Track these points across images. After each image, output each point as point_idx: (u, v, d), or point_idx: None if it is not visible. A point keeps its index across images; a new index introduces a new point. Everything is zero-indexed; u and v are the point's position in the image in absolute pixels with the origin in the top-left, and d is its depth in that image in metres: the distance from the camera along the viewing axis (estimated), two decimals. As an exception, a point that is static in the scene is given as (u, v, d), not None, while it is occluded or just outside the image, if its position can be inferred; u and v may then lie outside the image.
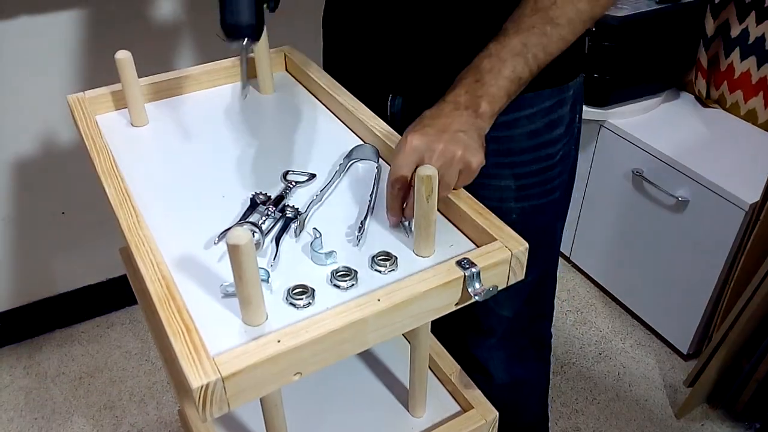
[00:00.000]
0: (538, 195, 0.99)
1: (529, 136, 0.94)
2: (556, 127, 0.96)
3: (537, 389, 1.26)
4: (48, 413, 1.68)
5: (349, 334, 0.58)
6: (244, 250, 0.54)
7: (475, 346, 1.14)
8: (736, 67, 1.72)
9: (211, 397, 0.53)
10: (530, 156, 0.95)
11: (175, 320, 0.57)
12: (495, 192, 0.96)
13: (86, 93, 0.94)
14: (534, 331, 1.17)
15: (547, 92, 0.93)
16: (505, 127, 0.91)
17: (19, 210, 1.69)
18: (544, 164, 0.97)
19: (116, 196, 0.73)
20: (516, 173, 0.96)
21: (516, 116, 0.92)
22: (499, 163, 0.94)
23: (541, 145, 0.95)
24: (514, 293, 1.05)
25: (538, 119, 0.93)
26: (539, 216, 1.01)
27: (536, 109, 0.93)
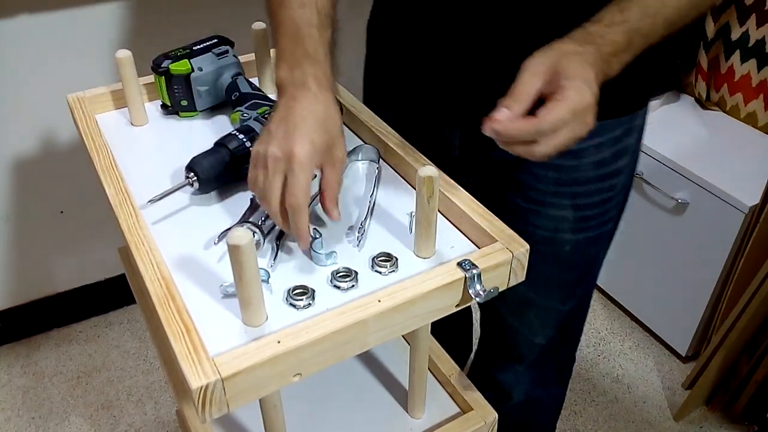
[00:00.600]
0: (594, 227, 0.94)
1: (595, 165, 0.87)
2: (621, 157, 0.89)
3: (550, 409, 1.24)
4: (45, 413, 1.67)
5: (350, 335, 0.58)
6: (245, 250, 0.54)
7: (501, 370, 1.12)
8: (736, 70, 1.72)
9: (211, 398, 0.52)
10: (594, 186, 0.89)
11: (174, 321, 0.57)
12: (550, 221, 0.90)
13: (86, 92, 0.93)
14: (560, 356, 1.14)
15: (618, 120, 0.86)
16: (572, 156, 0.85)
17: (17, 209, 1.68)
18: (605, 195, 0.91)
19: (116, 195, 0.73)
20: (576, 204, 0.90)
21: (584, 145, 0.85)
22: (559, 192, 0.88)
23: (606, 176, 0.89)
24: (551, 321, 1.04)
25: (605, 148, 0.87)
26: (591, 248, 0.97)
27: (605, 138, 0.86)
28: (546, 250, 0.92)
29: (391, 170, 0.83)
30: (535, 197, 0.89)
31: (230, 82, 0.91)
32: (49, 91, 1.55)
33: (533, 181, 0.88)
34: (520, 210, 0.90)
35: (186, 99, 0.90)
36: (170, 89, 0.89)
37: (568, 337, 1.12)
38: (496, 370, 1.12)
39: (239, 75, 0.92)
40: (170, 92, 0.90)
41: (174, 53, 0.89)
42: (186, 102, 0.90)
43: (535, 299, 0.99)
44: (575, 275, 0.99)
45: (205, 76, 0.90)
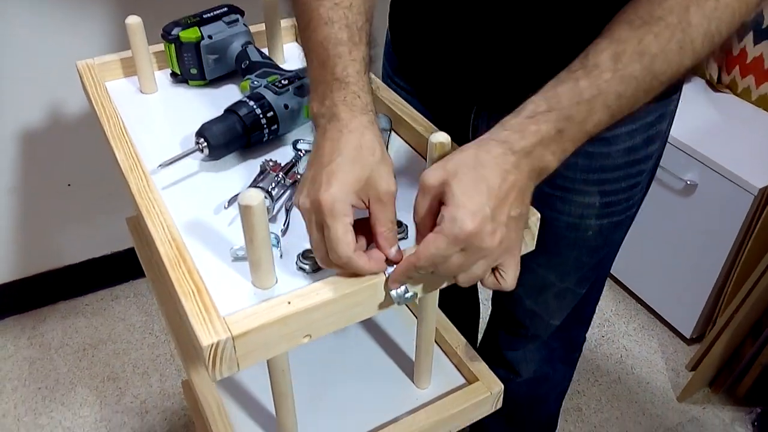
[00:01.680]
0: (619, 212, 0.92)
1: (625, 153, 0.84)
2: (652, 143, 0.86)
3: (557, 388, 1.25)
4: (51, 383, 1.69)
5: (361, 298, 0.58)
6: (256, 211, 0.54)
7: (511, 348, 1.12)
8: (748, 52, 1.71)
9: (221, 356, 0.53)
10: (622, 173, 0.86)
11: (185, 281, 0.57)
12: (576, 208, 0.88)
13: (95, 59, 0.93)
14: (571, 335, 1.14)
15: (653, 105, 0.82)
16: (604, 143, 0.82)
17: (25, 181, 1.69)
18: (632, 181, 0.88)
19: (126, 160, 0.73)
20: (603, 190, 0.87)
21: (617, 132, 0.82)
22: (588, 179, 0.86)
23: (635, 162, 0.86)
24: (568, 302, 1.03)
25: (638, 135, 0.83)
26: (614, 233, 0.95)
27: (639, 124, 0.82)
28: (569, 235, 0.91)
29: (400, 140, 0.82)
30: (562, 184, 0.87)
31: (240, 51, 0.90)
32: (57, 62, 1.55)
33: (561, 168, 0.84)
34: (545, 197, 0.87)
35: (195, 67, 0.90)
36: (180, 57, 0.89)
37: (580, 317, 1.11)
38: (507, 348, 1.12)
39: (249, 44, 0.91)
40: (180, 60, 0.89)
41: (184, 21, 0.89)
42: (195, 70, 0.90)
43: (555, 282, 0.98)
44: (596, 259, 0.98)
45: (215, 44, 0.89)
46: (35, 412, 1.62)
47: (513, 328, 1.10)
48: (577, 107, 0.58)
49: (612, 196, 0.89)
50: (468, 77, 0.86)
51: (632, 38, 0.58)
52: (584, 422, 1.63)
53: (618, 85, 0.58)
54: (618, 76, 0.58)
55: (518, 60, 0.80)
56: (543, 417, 1.30)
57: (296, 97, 0.80)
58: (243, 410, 0.82)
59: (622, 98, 0.59)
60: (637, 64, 0.58)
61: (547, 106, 0.58)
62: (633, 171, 0.87)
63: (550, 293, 1.01)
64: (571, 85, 0.58)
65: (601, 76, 0.58)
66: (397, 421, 0.79)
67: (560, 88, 0.58)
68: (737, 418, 1.64)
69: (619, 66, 0.58)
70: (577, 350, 1.20)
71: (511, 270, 0.60)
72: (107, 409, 1.63)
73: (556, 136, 0.58)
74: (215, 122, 0.76)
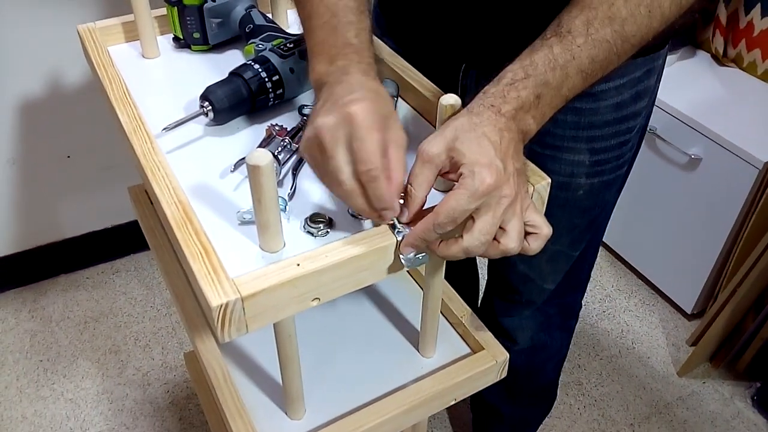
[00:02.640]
0: (609, 170, 0.92)
1: (614, 108, 0.85)
2: (641, 99, 0.87)
3: (555, 356, 1.25)
4: (53, 356, 1.69)
5: (369, 262, 0.58)
6: (264, 170, 0.53)
7: (507, 315, 1.12)
8: (755, 25, 1.69)
9: (230, 317, 0.52)
10: (611, 129, 0.87)
11: (193, 242, 0.56)
12: (566, 166, 0.89)
13: (96, 23, 0.91)
14: (567, 301, 1.14)
15: (640, 61, 0.83)
16: (592, 99, 0.83)
17: (24, 153, 1.67)
18: (622, 138, 0.89)
19: (130, 122, 0.72)
20: (593, 148, 0.88)
21: (604, 87, 0.82)
22: (577, 136, 0.86)
23: (623, 119, 0.87)
24: (561, 267, 1.03)
25: (625, 90, 0.84)
26: (605, 192, 0.95)
27: (626, 79, 0.83)
28: (560, 195, 0.91)
29: (406, 105, 0.81)
30: (552, 142, 0.88)
31: (244, 15, 0.88)
32: (56, 31, 1.53)
33: (551, 126, 0.84)
34: (535, 156, 0.86)
35: (198, 31, 0.88)
36: (183, 21, 0.87)
37: (575, 282, 1.12)
38: (503, 315, 1.12)
39: (252, 7, 0.90)
40: (183, 24, 0.88)
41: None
42: (198, 35, 0.88)
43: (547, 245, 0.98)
44: (587, 220, 0.98)
45: (219, 8, 0.87)
46: (37, 384, 1.62)
47: (507, 294, 1.10)
48: (552, 73, 0.60)
49: (602, 154, 0.89)
50: (456, 35, 0.86)
51: (603, 3, 0.61)
52: (585, 396, 1.64)
53: (591, 49, 0.61)
54: (590, 41, 0.61)
55: (506, 17, 0.80)
56: (542, 385, 1.31)
57: (302, 61, 0.79)
58: (248, 378, 0.82)
59: (595, 62, 0.62)
60: (608, 28, 0.61)
61: (524, 73, 0.60)
62: (622, 128, 0.88)
63: (543, 256, 1.00)
64: (546, 51, 0.61)
65: (574, 41, 0.61)
66: (402, 389, 0.79)
67: (536, 56, 0.61)
68: (737, 392, 1.64)
69: (591, 31, 0.61)
70: (574, 317, 1.21)
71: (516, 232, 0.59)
72: (109, 381, 1.63)
73: (535, 101, 0.60)
74: (220, 85, 0.75)
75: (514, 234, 0.58)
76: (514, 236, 0.58)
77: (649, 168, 1.73)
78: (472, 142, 0.56)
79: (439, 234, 0.57)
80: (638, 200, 1.81)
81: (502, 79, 0.61)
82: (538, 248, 0.63)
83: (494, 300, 1.13)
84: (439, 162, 0.57)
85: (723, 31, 1.74)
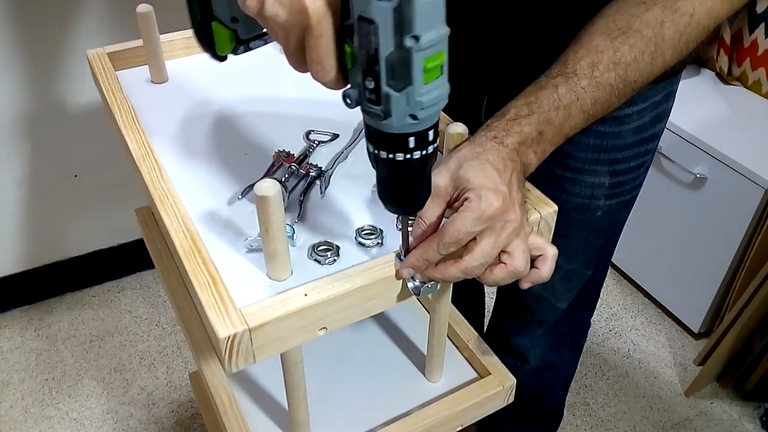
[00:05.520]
0: (626, 192, 0.93)
1: (635, 131, 0.86)
2: (660, 122, 0.88)
3: (564, 375, 1.25)
4: (58, 375, 1.69)
5: (377, 291, 0.58)
6: (272, 201, 0.53)
7: (518, 334, 1.12)
8: (760, 44, 1.69)
9: (238, 348, 0.52)
10: (632, 152, 0.88)
11: (201, 272, 0.57)
12: (587, 189, 0.89)
13: (105, 48, 0.92)
14: (577, 319, 1.14)
15: (661, 84, 0.84)
16: (616, 123, 0.83)
17: (32, 171, 1.68)
18: (641, 160, 0.90)
19: (138, 149, 0.72)
20: (613, 170, 0.89)
21: (628, 111, 0.83)
22: (599, 159, 0.87)
23: (643, 141, 0.88)
24: (574, 286, 1.03)
25: (646, 114, 0.85)
26: (622, 212, 0.97)
27: (648, 103, 0.84)
28: (579, 216, 0.92)
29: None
30: (573, 165, 0.88)
31: None
32: (65, 50, 1.54)
33: (573, 149, 0.86)
34: (556, 178, 0.89)
35: None
36: None
37: (585, 301, 1.12)
38: (514, 335, 1.12)
39: None
40: None
41: None
42: None
43: (563, 264, 0.99)
44: (603, 239, 0.99)
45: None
46: (42, 403, 1.62)
47: (519, 313, 1.10)
48: (556, 112, 0.62)
49: (621, 176, 0.90)
50: (481, 64, 0.86)
51: (609, 48, 0.63)
52: (591, 416, 1.63)
53: (594, 91, 0.62)
54: (594, 83, 0.62)
55: (529, 47, 0.80)
56: (549, 404, 1.30)
57: None
58: (254, 402, 0.82)
59: (597, 104, 0.63)
60: (612, 72, 0.63)
61: (528, 110, 0.62)
62: (641, 150, 0.89)
63: (558, 276, 1.00)
64: (551, 90, 0.62)
65: (578, 83, 0.62)
66: (408, 415, 0.78)
67: (541, 93, 0.62)
68: (745, 413, 1.63)
69: (595, 74, 0.62)
70: (583, 336, 1.21)
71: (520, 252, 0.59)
72: (114, 401, 1.63)
73: (537, 137, 0.61)
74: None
75: (519, 254, 0.58)
76: (520, 256, 0.58)
77: (654, 187, 1.73)
78: (476, 169, 0.57)
79: (440, 255, 0.57)
80: (644, 219, 1.80)
81: (505, 114, 0.62)
82: (550, 271, 0.63)
83: (505, 319, 1.13)
84: (446, 193, 0.57)
85: (727, 50, 1.75)
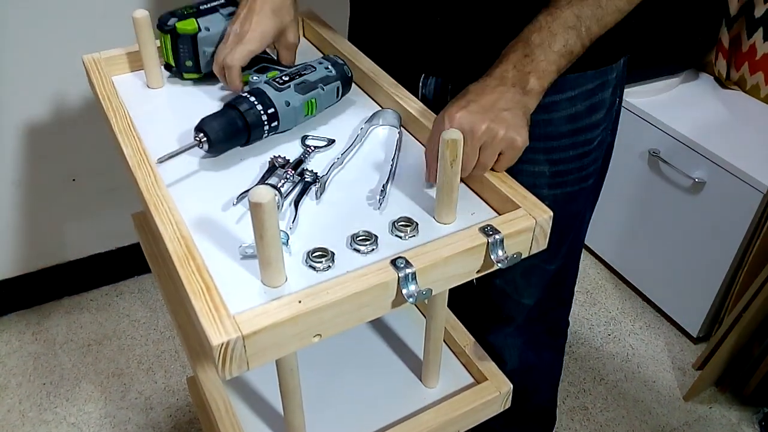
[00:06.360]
0: (572, 182, 0.95)
1: (568, 120, 0.89)
2: (596, 111, 0.91)
3: (548, 376, 1.25)
4: (56, 379, 1.68)
5: (371, 297, 0.58)
6: (267, 208, 0.53)
7: (492, 332, 1.12)
8: (758, 48, 1.69)
9: (231, 355, 0.52)
10: (568, 141, 0.91)
11: (195, 279, 0.56)
12: (528, 178, 0.90)
13: (101, 53, 0.92)
14: (551, 318, 1.15)
15: (591, 74, 0.88)
16: (544, 111, 0.86)
17: (29, 175, 1.68)
18: (581, 150, 0.92)
19: (134, 155, 0.72)
20: (552, 159, 0.92)
21: (556, 99, 0.87)
22: (535, 147, 0.87)
23: (579, 130, 0.91)
24: (536, 281, 1.04)
25: (579, 102, 0.89)
26: (571, 204, 0.98)
27: (578, 91, 0.88)
28: None
29: (410, 137, 0.82)
30: None
31: None
32: (61, 55, 1.54)
33: None
34: None
35: (191, 60, 0.88)
36: (176, 49, 0.87)
37: (557, 299, 1.12)
38: (489, 333, 1.12)
39: None
40: (175, 52, 0.87)
41: (180, 11, 0.87)
42: (191, 63, 0.88)
43: None
44: (556, 233, 0.98)
45: (213, 37, 0.87)
46: (40, 408, 1.61)
47: (489, 310, 1.11)
48: (537, 33, 0.71)
49: (561, 165, 0.93)
50: (417, 44, 0.91)
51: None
52: (590, 421, 1.62)
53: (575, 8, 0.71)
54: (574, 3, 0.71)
55: (466, 25, 0.85)
56: (538, 407, 1.30)
57: (297, 94, 0.79)
58: (250, 408, 0.81)
59: (581, 18, 0.71)
60: None
61: (514, 41, 0.72)
62: (580, 139, 0.91)
63: (517, 270, 1.02)
64: (532, 22, 0.72)
65: (558, 7, 0.71)
66: (405, 421, 0.78)
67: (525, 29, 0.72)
68: (744, 418, 1.63)
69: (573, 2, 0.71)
70: (562, 336, 1.21)
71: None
72: (112, 405, 1.62)
73: (525, 60, 0.70)
74: (215, 117, 0.75)
75: None
76: None
77: (652, 191, 1.73)
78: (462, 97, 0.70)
79: None
80: (643, 223, 1.80)
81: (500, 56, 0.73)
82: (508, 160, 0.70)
83: (479, 318, 1.13)
84: None
85: (725, 54, 1.75)
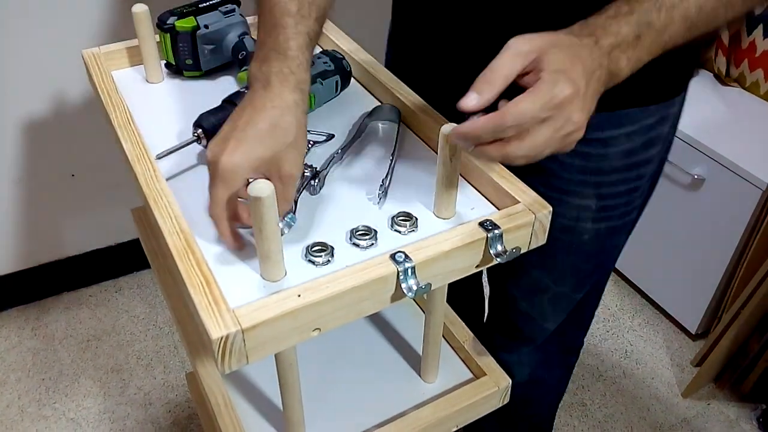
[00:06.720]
0: (616, 217, 0.90)
1: (623, 155, 0.83)
2: (652, 147, 0.85)
3: (553, 392, 1.24)
4: (55, 374, 1.68)
5: (370, 291, 0.58)
6: (266, 202, 0.53)
7: (507, 350, 1.10)
8: (758, 45, 1.69)
9: (231, 349, 0.52)
10: (620, 176, 0.85)
11: (194, 273, 0.56)
12: (572, 211, 0.87)
13: (101, 48, 0.92)
14: (568, 339, 1.12)
15: (653, 108, 0.81)
16: (601, 145, 0.81)
17: (29, 171, 1.68)
18: (632, 185, 0.87)
19: (133, 150, 0.72)
20: (600, 193, 0.86)
21: (614, 134, 0.81)
22: (585, 181, 0.84)
23: (633, 165, 0.85)
24: (562, 307, 1.02)
25: (637, 137, 0.82)
26: (612, 238, 0.94)
27: (637, 126, 0.81)
28: (564, 238, 0.90)
29: (410, 132, 0.82)
30: (558, 185, 0.86)
31: (237, 41, 0.89)
32: (60, 50, 1.54)
33: (558, 169, 0.84)
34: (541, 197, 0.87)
35: (191, 57, 0.88)
36: (175, 47, 0.87)
37: (577, 323, 1.10)
38: (502, 350, 1.11)
39: (246, 34, 0.90)
40: (175, 50, 0.88)
41: (180, 10, 0.87)
42: (191, 61, 0.88)
43: (550, 286, 0.97)
44: (592, 264, 0.96)
45: (212, 34, 0.88)
46: (39, 403, 1.62)
47: (508, 330, 1.08)
48: (657, 13, 0.58)
49: (609, 200, 0.88)
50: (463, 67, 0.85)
51: None
52: (588, 417, 1.63)
53: None
54: None
55: None
56: (536, 420, 1.28)
57: None
58: (249, 403, 0.82)
59: (702, 12, 0.60)
60: None
61: (628, 8, 0.59)
62: (632, 175, 0.86)
63: (545, 297, 0.99)
64: None
65: None
66: (403, 416, 0.78)
67: None
68: (742, 414, 1.63)
69: None
70: (575, 354, 1.19)
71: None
72: (111, 401, 1.63)
73: (634, 41, 0.58)
74: (213, 113, 0.75)
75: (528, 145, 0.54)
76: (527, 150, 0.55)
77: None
78: (565, 56, 0.54)
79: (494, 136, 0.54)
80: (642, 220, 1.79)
81: (604, 12, 0.59)
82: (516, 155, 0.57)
83: (495, 335, 1.11)
84: (525, 60, 0.54)
85: (725, 51, 1.75)
